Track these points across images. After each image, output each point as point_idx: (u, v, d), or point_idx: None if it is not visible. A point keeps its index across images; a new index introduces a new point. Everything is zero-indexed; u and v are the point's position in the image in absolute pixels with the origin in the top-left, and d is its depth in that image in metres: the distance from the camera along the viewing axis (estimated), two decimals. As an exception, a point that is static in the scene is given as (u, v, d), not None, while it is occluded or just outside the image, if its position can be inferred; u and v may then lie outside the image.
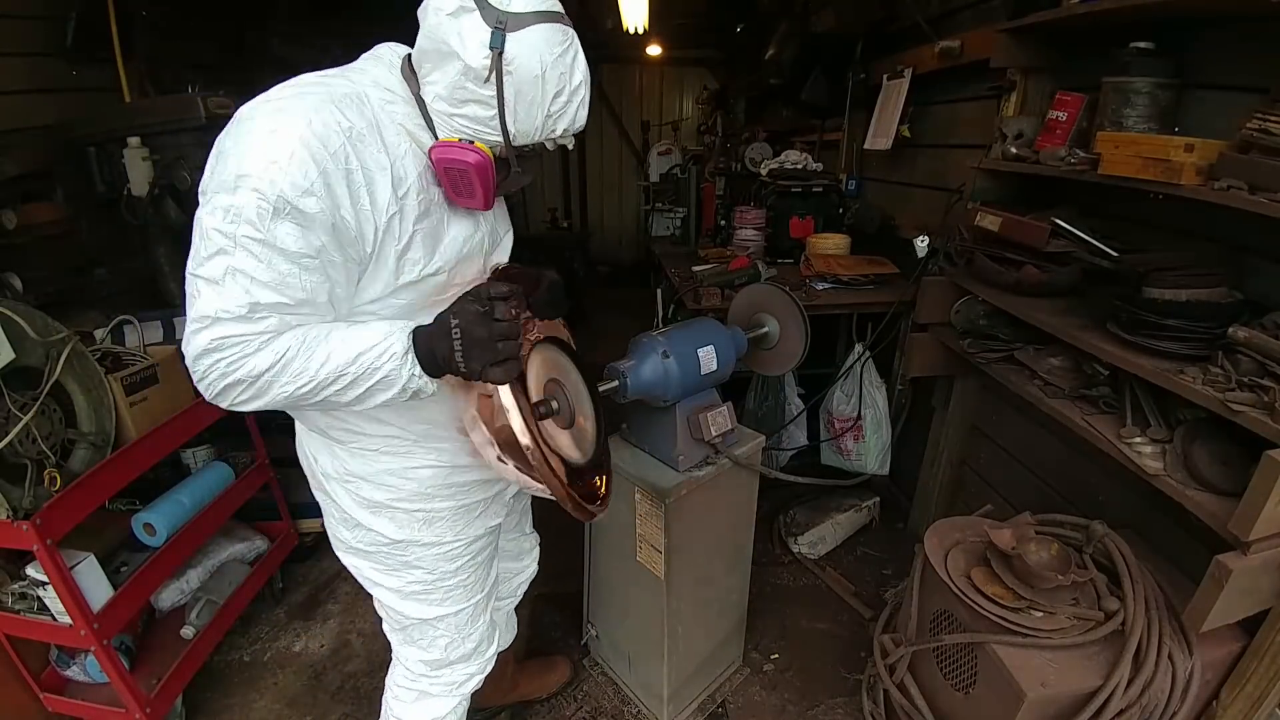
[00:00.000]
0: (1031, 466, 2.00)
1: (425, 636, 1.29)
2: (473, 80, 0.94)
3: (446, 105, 0.97)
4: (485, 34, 0.92)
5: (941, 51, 2.19)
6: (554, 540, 2.57)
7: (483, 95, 0.95)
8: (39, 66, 2.12)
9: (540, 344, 1.32)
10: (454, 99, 0.96)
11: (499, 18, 0.92)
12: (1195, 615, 1.18)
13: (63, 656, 1.71)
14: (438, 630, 1.29)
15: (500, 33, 0.92)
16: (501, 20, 0.92)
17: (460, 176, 0.97)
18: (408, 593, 1.23)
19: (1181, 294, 1.28)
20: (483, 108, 0.97)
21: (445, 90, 0.96)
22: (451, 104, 0.97)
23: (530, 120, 0.98)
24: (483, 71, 0.93)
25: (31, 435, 1.45)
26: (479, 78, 0.94)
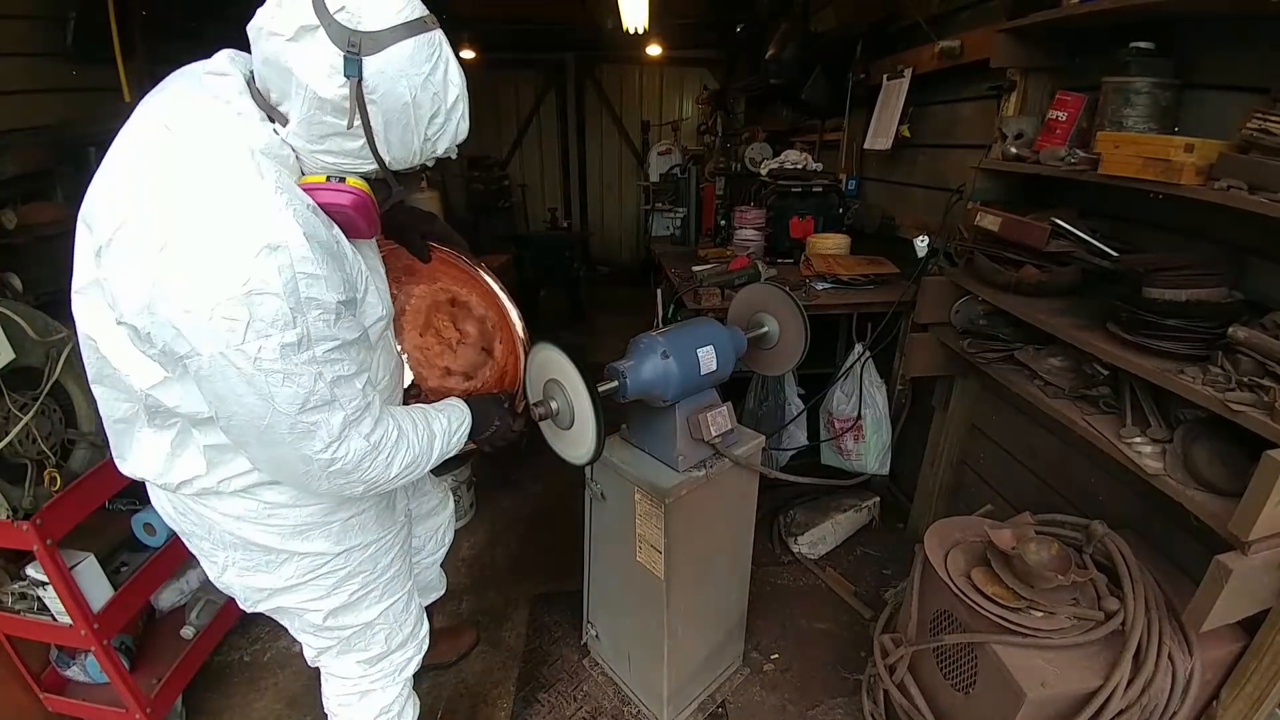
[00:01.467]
0: (1031, 466, 2.00)
1: (364, 638, 1.28)
2: (330, 113, 0.84)
3: (305, 142, 0.87)
4: (337, 60, 0.80)
5: (941, 51, 2.19)
6: (554, 540, 2.58)
7: (343, 128, 0.85)
8: (39, 66, 2.12)
9: (540, 344, 1.33)
10: (312, 135, 0.86)
11: (350, 39, 0.80)
12: (1195, 615, 1.18)
13: (63, 656, 1.71)
14: (376, 627, 1.28)
15: (355, 59, 0.80)
16: (354, 42, 0.80)
17: (340, 217, 0.91)
18: (349, 603, 1.21)
19: (1181, 294, 1.28)
20: (348, 139, 0.87)
21: (300, 126, 0.85)
22: (310, 140, 0.87)
23: (406, 147, 0.91)
24: (340, 103, 0.83)
25: (31, 435, 1.45)
26: (337, 110, 0.84)
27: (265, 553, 1.10)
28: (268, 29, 0.81)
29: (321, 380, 0.86)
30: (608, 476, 1.64)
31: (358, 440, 0.93)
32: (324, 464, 0.91)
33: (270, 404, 0.84)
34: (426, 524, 1.66)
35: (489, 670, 2.01)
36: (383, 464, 0.98)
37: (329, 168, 0.91)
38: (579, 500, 1.76)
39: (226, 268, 0.78)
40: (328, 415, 0.88)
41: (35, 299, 1.73)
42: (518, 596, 2.31)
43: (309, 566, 1.13)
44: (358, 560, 1.19)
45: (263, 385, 0.82)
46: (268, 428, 0.86)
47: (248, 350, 0.80)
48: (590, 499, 1.72)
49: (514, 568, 2.48)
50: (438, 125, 0.91)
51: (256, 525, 1.07)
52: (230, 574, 1.14)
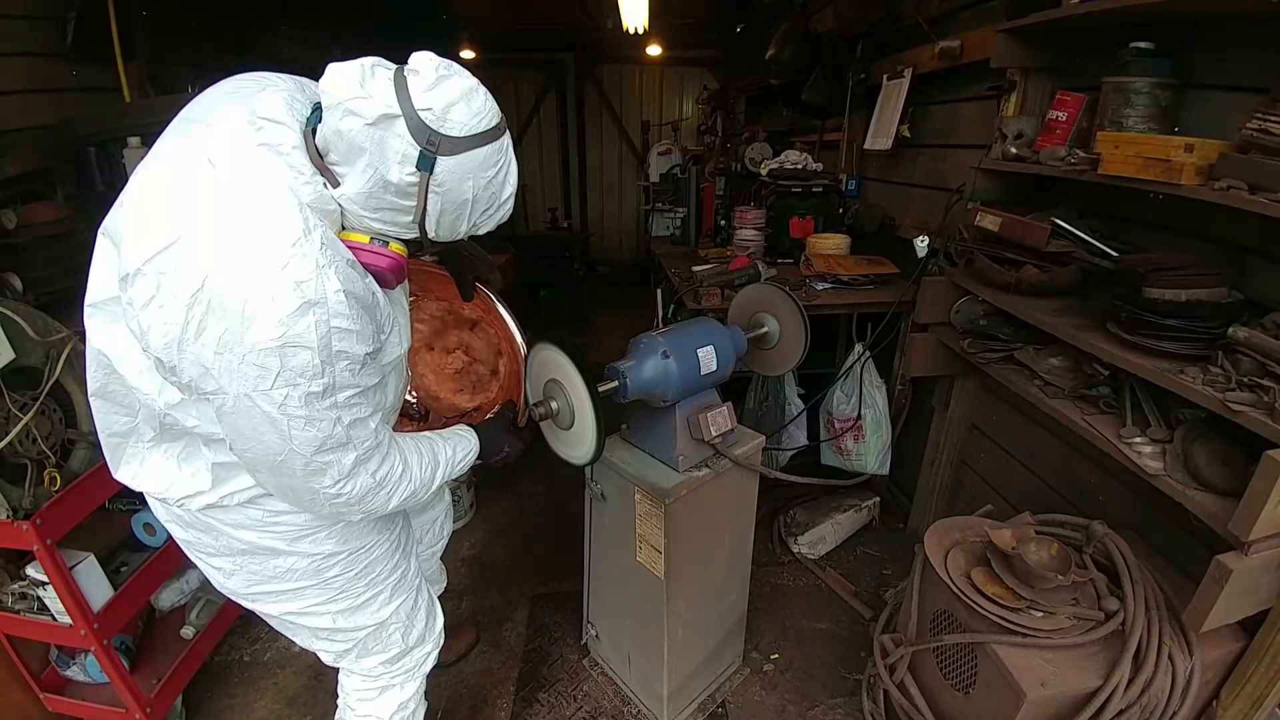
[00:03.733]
0: (1031, 466, 2.00)
1: (380, 639, 1.29)
2: (393, 193, 0.88)
3: (358, 208, 0.90)
4: (413, 152, 0.84)
5: (941, 51, 2.19)
6: (554, 540, 2.58)
7: (401, 205, 0.90)
8: (39, 66, 2.12)
9: (540, 344, 1.33)
10: (368, 205, 0.90)
11: (430, 138, 0.84)
12: (1195, 615, 1.18)
13: (63, 656, 1.71)
14: (391, 627, 1.29)
15: (431, 156, 0.85)
16: (433, 142, 0.84)
17: (375, 275, 0.94)
18: (358, 605, 1.22)
19: (1181, 294, 1.28)
20: (399, 214, 0.91)
21: (358, 195, 0.89)
22: (364, 208, 0.90)
23: (453, 230, 0.96)
24: (406, 188, 0.87)
25: (31, 435, 1.45)
26: (401, 192, 0.88)
27: (273, 555, 1.11)
28: (348, 107, 0.83)
29: (340, 425, 0.89)
30: (608, 476, 1.64)
31: (365, 477, 0.97)
32: (330, 496, 0.94)
33: (288, 444, 0.86)
34: (423, 517, 1.67)
35: (489, 670, 2.01)
36: (384, 497, 1.02)
37: (373, 231, 0.94)
38: (579, 500, 1.76)
39: (265, 318, 0.80)
40: (340, 456, 0.92)
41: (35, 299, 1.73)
42: (518, 596, 2.31)
43: (315, 568, 1.14)
44: (364, 562, 1.19)
45: (284, 427, 0.85)
46: (282, 463, 0.89)
47: (274, 396, 0.83)
48: (590, 499, 1.72)
49: (514, 568, 2.48)
50: (488, 215, 0.98)
51: (261, 531, 1.08)
52: (237, 579, 1.15)
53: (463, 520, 2.72)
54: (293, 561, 1.12)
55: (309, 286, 0.81)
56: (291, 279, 0.80)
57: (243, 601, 1.21)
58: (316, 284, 0.82)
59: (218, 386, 0.83)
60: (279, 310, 0.80)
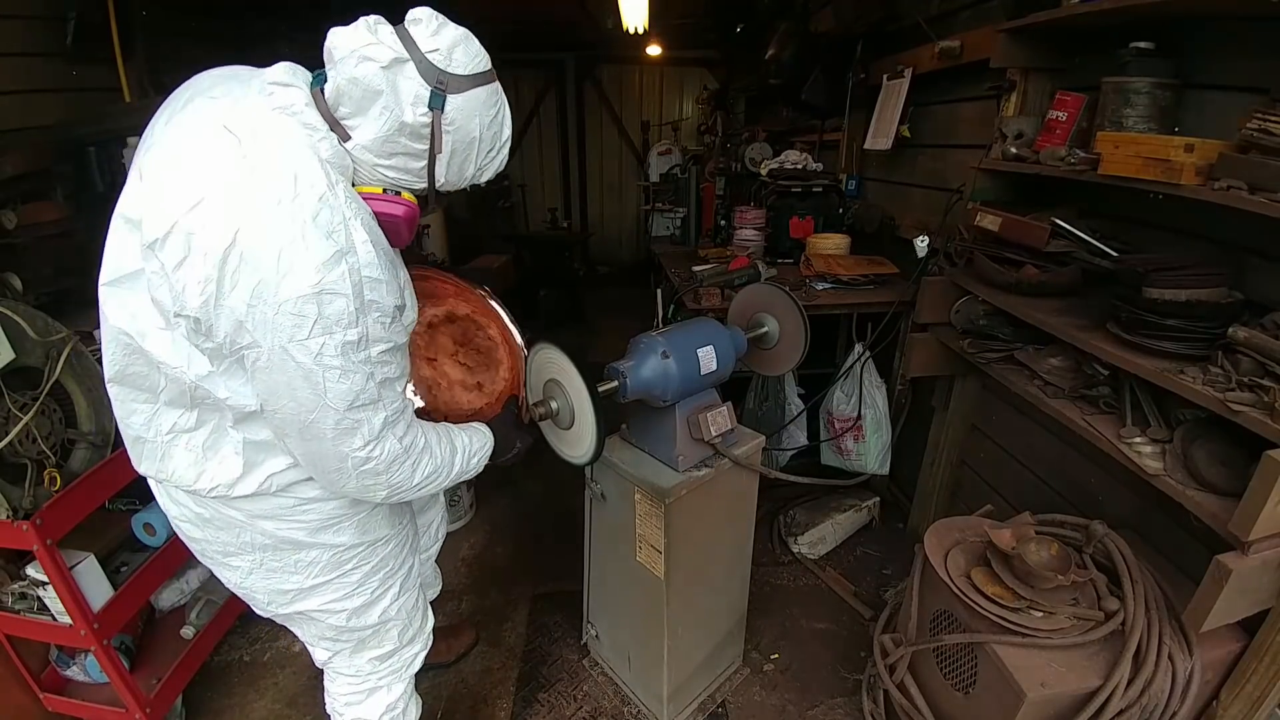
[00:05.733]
0: (1031, 466, 2.00)
1: (378, 635, 1.31)
2: (408, 135, 0.93)
3: (373, 156, 0.94)
4: (425, 92, 0.90)
5: (941, 51, 2.19)
6: (554, 540, 2.58)
7: (415, 149, 0.95)
8: (39, 66, 2.12)
9: (540, 344, 1.33)
10: (383, 151, 0.94)
11: (440, 78, 0.91)
12: (1195, 615, 1.18)
13: (63, 656, 1.71)
14: (391, 625, 1.31)
15: (441, 94, 0.91)
16: (443, 81, 0.91)
17: (391, 227, 0.96)
18: (371, 601, 1.24)
19: (1181, 294, 1.28)
20: (412, 159, 0.96)
21: (373, 142, 0.93)
22: (379, 155, 0.95)
23: (460, 174, 1.01)
24: (420, 130, 0.93)
25: (31, 435, 1.45)
26: (416, 134, 0.93)
27: (295, 549, 1.12)
28: (363, 53, 0.88)
29: (372, 380, 0.91)
30: (608, 476, 1.64)
31: (392, 442, 0.98)
32: (359, 462, 0.95)
33: (322, 398, 0.88)
34: (421, 519, 1.67)
35: (489, 670, 2.01)
36: (409, 468, 1.03)
37: (386, 181, 0.98)
38: (579, 500, 1.76)
39: (301, 266, 0.82)
40: (371, 414, 0.93)
41: (35, 299, 1.73)
42: (518, 596, 2.31)
43: (335, 560, 1.15)
44: (380, 554, 1.22)
45: (319, 379, 0.87)
46: (313, 422, 0.90)
47: (310, 346, 0.85)
48: (590, 499, 1.72)
49: (514, 568, 2.48)
50: (490, 157, 1.03)
51: (287, 520, 1.09)
52: (256, 576, 1.15)
53: (463, 520, 2.72)
54: (315, 554, 1.13)
55: (339, 236, 0.85)
56: (323, 229, 0.84)
57: (258, 605, 1.21)
58: (345, 234, 0.86)
59: (253, 339, 0.85)
60: (314, 258, 0.83)
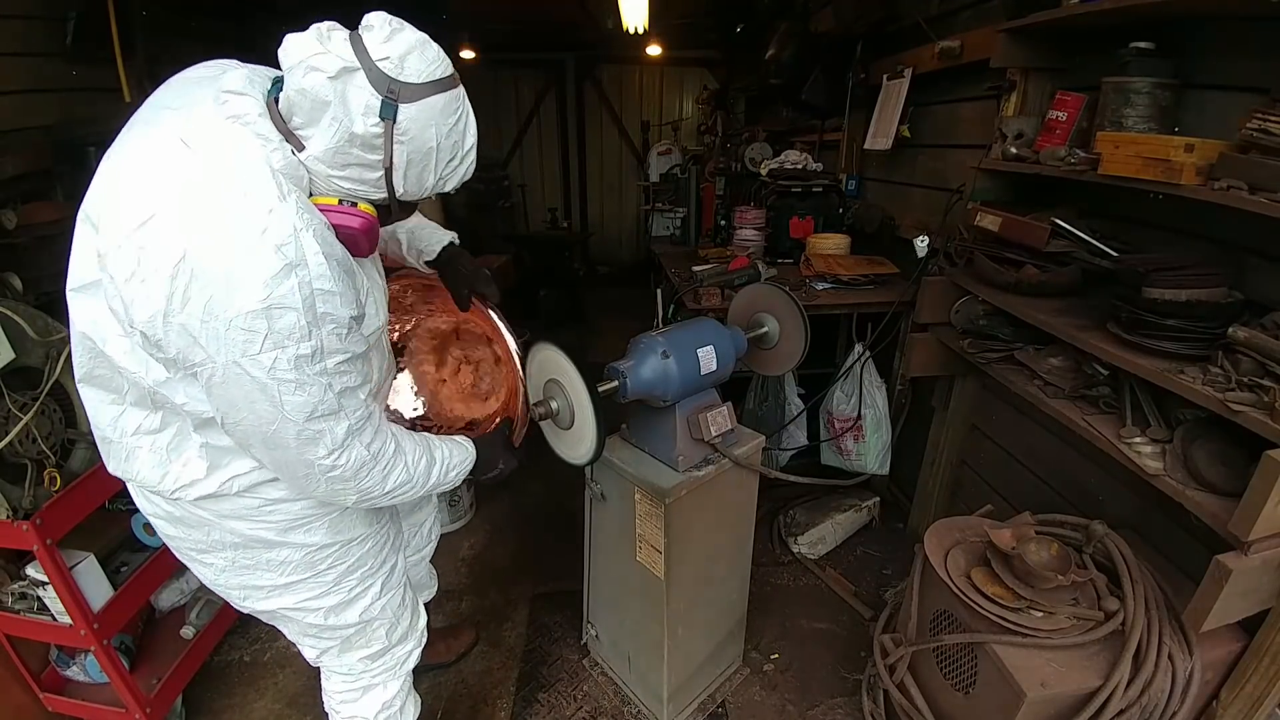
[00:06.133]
0: (1031, 466, 2.00)
1: (364, 635, 1.30)
2: (359, 146, 0.90)
3: (325, 167, 0.91)
4: (375, 101, 0.86)
5: (941, 51, 2.19)
6: (554, 540, 2.58)
7: (368, 160, 0.91)
8: (39, 66, 2.12)
9: (540, 344, 1.33)
10: (335, 162, 0.91)
11: (391, 86, 0.87)
12: (1195, 615, 1.19)
13: (63, 656, 1.71)
14: (376, 624, 1.30)
15: (392, 103, 0.87)
16: (394, 90, 0.87)
17: (348, 239, 0.94)
18: (349, 600, 1.23)
19: (1181, 294, 1.28)
20: (367, 170, 0.93)
21: (325, 153, 0.90)
22: (332, 166, 0.91)
23: (420, 183, 0.97)
24: (372, 140, 0.89)
25: (31, 435, 1.45)
26: (367, 145, 0.90)
27: (266, 547, 1.11)
28: (310, 64, 0.85)
29: (330, 391, 0.90)
30: (608, 476, 1.64)
31: (359, 449, 0.97)
32: (325, 469, 0.95)
33: (280, 410, 0.87)
34: (412, 519, 1.67)
35: (489, 670, 2.01)
36: (380, 475, 1.02)
37: (342, 192, 0.95)
38: (579, 500, 1.76)
39: (249, 282, 0.81)
40: (333, 424, 0.93)
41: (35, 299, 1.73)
42: (518, 596, 2.31)
43: (307, 560, 1.14)
44: (356, 554, 1.21)
45: (275, 393, 0.86)
46: (275, 433, 0.90)
47: (263, 361, 0.84)
48: (590, 499, 1.72)
49: (514, 568, 2.48)
50: (452, 167, 0.99)
51: (255, 521, 1.08)
52: (229, 574, 1.14)
53: (463, 520, 2.72)
54: (286, 554, 1.12)
55: (289, 249, 0.83)
56: (272, 243, 0.82)
57: (234, 601, 1.20)
58: (295, 247, 0.84)
59: (206, 356, 0.84)
60: (262, 273, 0.81)
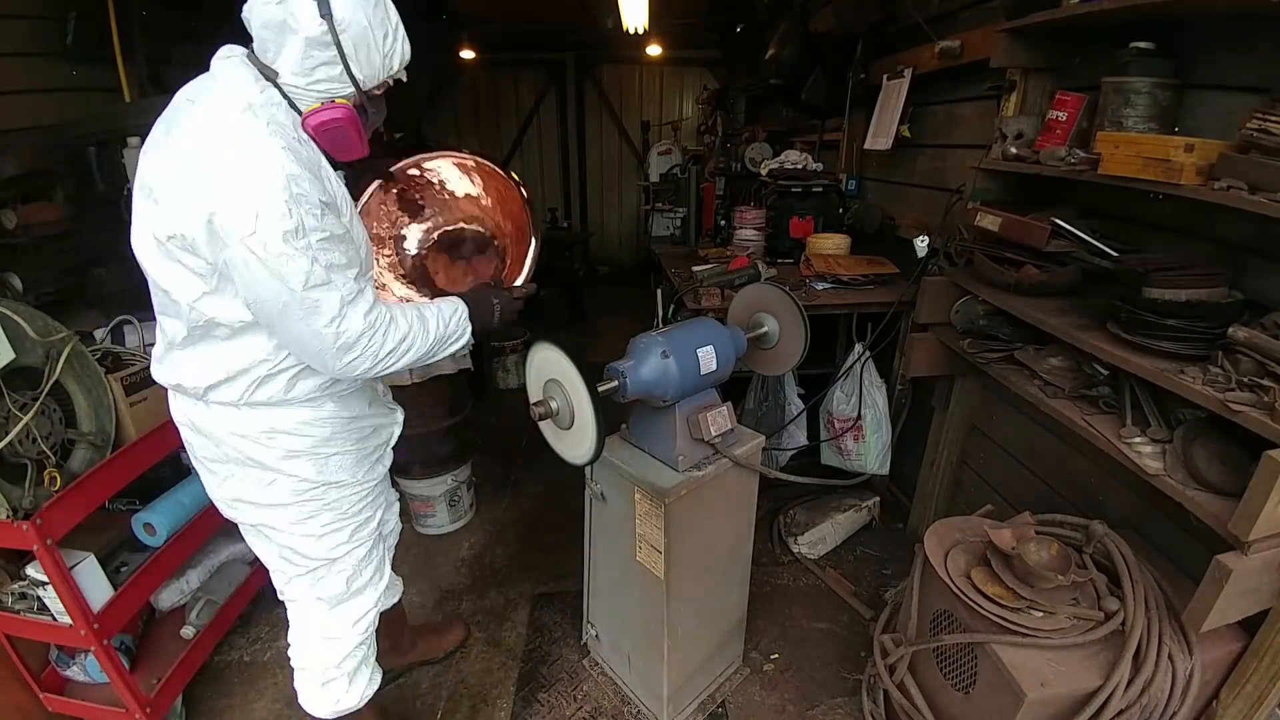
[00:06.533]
0: (1031, 466, 2.00)
1: (329, 574, 1.43)
2: (315, 47, 1.09)
3: (300, 79, 1.11)
4: (311, 6, 1.05)
5: (941, 51, 2.19)
6: (554, 540, 2.58)
7: (327, 57, 1.10)
8: (39, 66, 2.12)
9: (540, 344, 1.33)
10: (304, 69, 1.10)
11: None
12: (1195, 615, 1.18)
13: (63, 656, 1.71)
14: (339, 566, 1.43)
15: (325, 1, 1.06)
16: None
17: (338, 134, 1.14)
18: (320, 535, 1.37)
19: (1181, 294, 1.28)
20: (330, 67, 1.11)
21: (295, 65, 1.10)
22: (303, 75, 1.11)
23: (372, 65, 1.15)
24: (322, 36, 1.08)
25: (31, 435, 1.45)
26: (321, 43, 1.09)
27: (261, 469, 1.29)
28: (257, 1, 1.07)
29: (317, 264, 1.07)
30: (608, 476, 1.64)
31: (356, 319, 1.14)
32: (331, 338, 1.12)
33: (283, 282, 1.05)
34: None
35: (489, 670, 2.01)
36: (380, 339, 1.18)
37: (320, 95, 1.14)
38: (579, 500, 1.76)
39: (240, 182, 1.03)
40: (327, 294, 1.09)
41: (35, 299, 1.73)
42: (518, 596, 2.31)
43: (294, 489, 1.31)
44: (334, 496, 1.36)
45: (274, 266, 1.04)
46: (284, 306, 1.08)
47: (258, 238, 1.03)
48: (590, 499, 1.72)
49: (514, 568, 2.48)
50: (389, 43, 1.15)
51: (256, 444, 1.26)
52: (229, 484, 1.33)
53: (463, 520, 2.72)
54: (274, 478, 1.30)
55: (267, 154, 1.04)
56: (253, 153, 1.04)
57: (224, 509, 1.38)
58: (268, 144, 1.05)
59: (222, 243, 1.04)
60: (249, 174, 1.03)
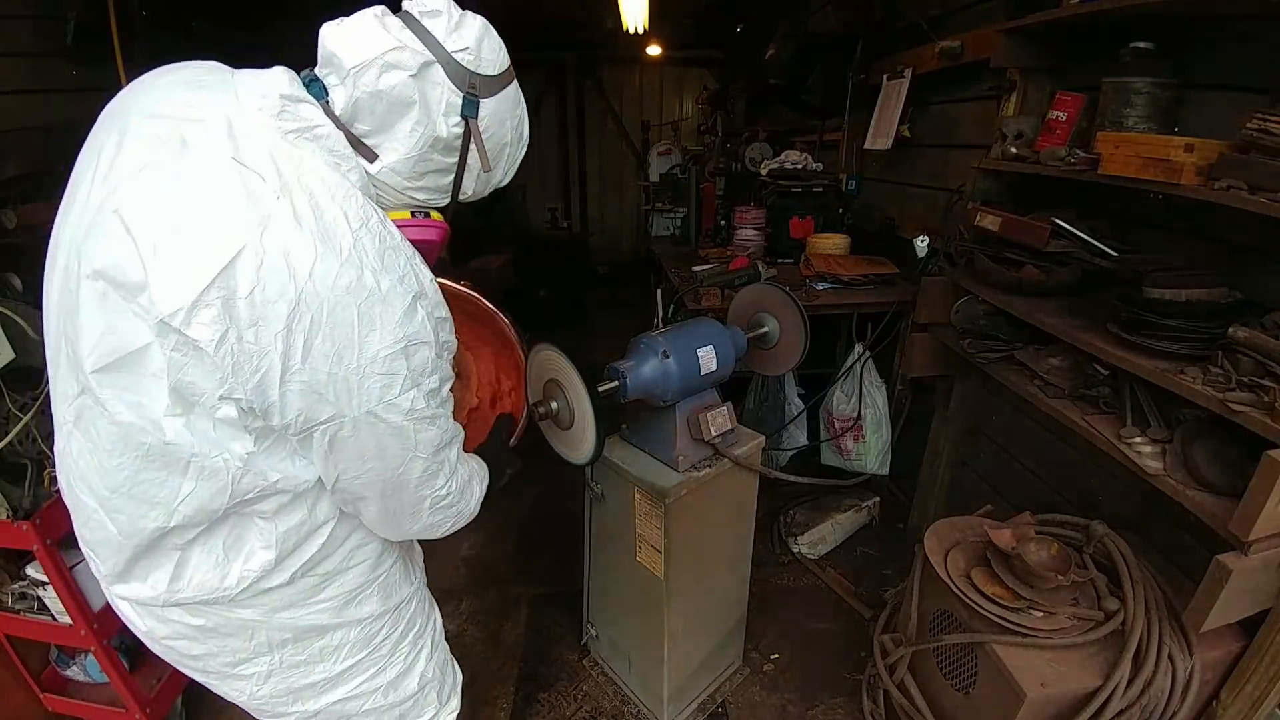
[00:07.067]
0: (1031, 466, 2.00)
1: (418, 704, 1.15)
2: (440, 151, 0.84)
3: (402, 179, 0.85)
4: (456, 99, 0.81)
5: (941, 51, 2.19)
6: (554, 540, 2.58)
7: (445, 164, 0.86)
8: (39, 66, 2.12)
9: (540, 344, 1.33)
10: (414, 172, 0.85)
11: (471, 81, 0.81)
12: (1195, 615, 1.18)
13: (63, 656, 1.71)
14: (429, 686, 1.16)
15: (474, 100, 0.82)
16: (474, 85, 0.82)
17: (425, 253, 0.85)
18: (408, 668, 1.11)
19: (1181, 294, 1.28)
20: (441, 176, 0.88)
21: (403, 164, 0.83)
22: (409, 177, 0.85)
23: (487, 183, 0.94)
24: (453, 141, 0.84)
25: (31, 435, 1.45)
26: (448, 148, 0.84)
27: (319, 634, 0.97)
28: (388, 60, 0.77)
29: (448, 419, 0.87)
30: (608, 476, 1.64)
31: (464, 469, 0.95)
32: (438, 499, 0.90)
33: (412, 451, 0.82)
34: None
35: (489, 670, 2.01)
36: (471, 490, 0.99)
37: (415, 203, 0.89)
38: (579, 500, 1.76)
39: (383, 322, 0.73)
40: (449, 452, 0.89)
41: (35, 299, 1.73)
42: (518, 596, 2.31)
43: (364, 636, 1.02)
44: (406, 617, 1.09)
45: (410, 434, 0.80)
46: (399, 475, 0.83)
47: (401, 403, 0.77)
48: (590, 499, 1.72)
49: (514, 568, 2.48)
50: (514, 160, 0.95)
51: (309, 606, 0.93)
52: (273, 681, 0.97)
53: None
54: (341, 635, 0.99)
55: (410, 280, 0.77)
56: (395, 274, 0.75)
57: (276, 709, 1.01)
58: (414, 275, 0.78)
59: (336, 410, 0.74)
60: (395, 310, 0.74)
